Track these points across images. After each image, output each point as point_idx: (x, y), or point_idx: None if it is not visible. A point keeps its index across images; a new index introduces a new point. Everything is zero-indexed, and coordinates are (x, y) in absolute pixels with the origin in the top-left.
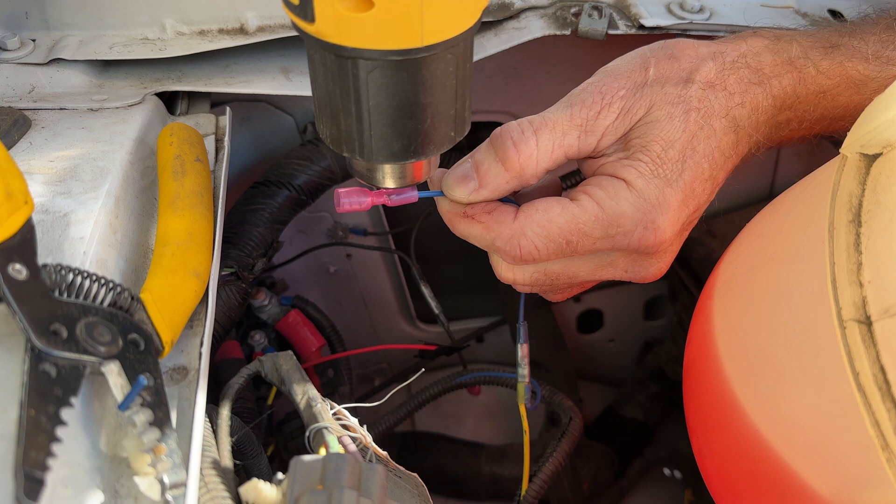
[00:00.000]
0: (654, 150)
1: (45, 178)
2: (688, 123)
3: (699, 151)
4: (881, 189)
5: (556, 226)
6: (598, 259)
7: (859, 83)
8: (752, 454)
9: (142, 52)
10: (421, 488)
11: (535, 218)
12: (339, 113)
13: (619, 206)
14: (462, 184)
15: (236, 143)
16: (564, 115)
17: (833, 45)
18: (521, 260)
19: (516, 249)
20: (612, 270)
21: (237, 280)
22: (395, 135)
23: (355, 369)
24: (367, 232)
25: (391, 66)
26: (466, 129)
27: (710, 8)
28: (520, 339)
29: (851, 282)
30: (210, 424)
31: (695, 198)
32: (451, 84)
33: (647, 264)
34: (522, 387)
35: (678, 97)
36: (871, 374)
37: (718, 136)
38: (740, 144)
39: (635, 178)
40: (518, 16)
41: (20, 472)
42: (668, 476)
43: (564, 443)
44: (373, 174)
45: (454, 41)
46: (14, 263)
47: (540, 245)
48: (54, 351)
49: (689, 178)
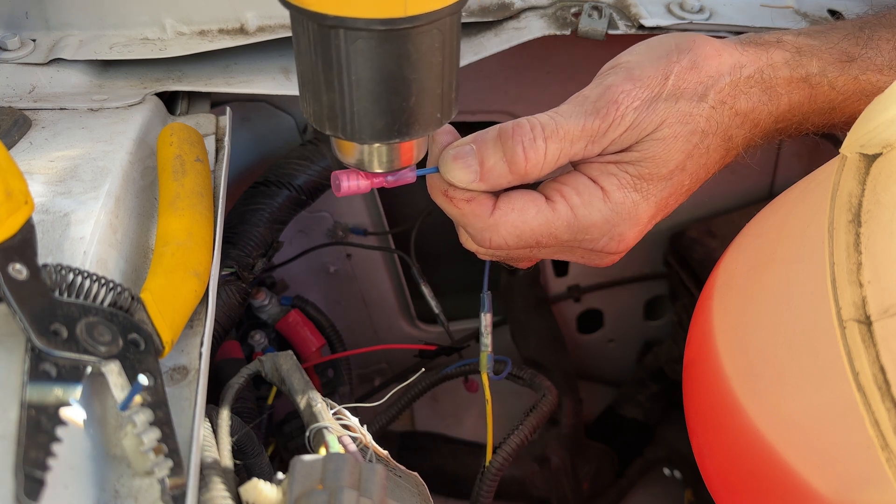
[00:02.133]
0: (645, 168)
1: (45, 178)
2: (689, 144)
3: (687, 170)
4: (881, 189)
5: (528, 228)
6: (559, 250)
7: (871, 94)
8: (752, 454)
9: (142, 52)
10: (421, 487)
11: (510, 218)
12: (321, 88)
13: (590, 216)
14: (463, 169)
15: (236, 143)
16: (577, 125)
17: (851, 58)
18: (490, 248)
19: (486, 241)
20: (570, 257)
21: (237, 280)
22: (378, 111)
23: (355, 369)
24: (368, 232)
25: (374, 38)
26: (453, 112)
27: (710, 8)
28: (483, 309)
29: (851, 282)
30: (210, 424)
31: (665, 210)
32: (437, 61)
33: (603, 258)
34: (485, 356)
35: (689, 116)
36: (871, 374)
37: (710, 154)
38: (727, 157)
39: (613, 190)
40: (518, 16)
41: (20, 472)
42: (668, 476)
43: (532, 417)
44: (359, 156)
45: (439, 14)
46: (14, 263)
47: (510, 242)
48: (54, 351)
49: (667, 194)
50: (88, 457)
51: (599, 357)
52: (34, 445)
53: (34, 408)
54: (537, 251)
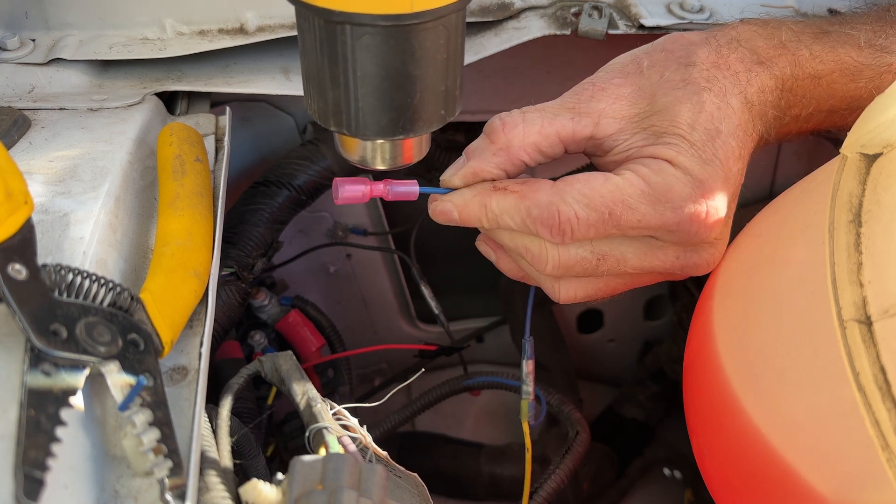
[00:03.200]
0: (680, 131)
1: (44, 178)
2: (703, 104)
3: (724, 131)
4: (881, 189)
5: (598, 194)
6: (647, 242)
7: (854, 71)
8: (752, 454)
9: (142, 52)
10: (421, 488)
11: (576, 186)
12: (326, 83)
13: (666, 181)
14: (451, 168)
15: (236, 143)
16: (554, 102)
17: (824, 31)
18: (560, 230)
19: (554, 216)
20: (663, 255)
21: (237, 280)
22: (382, 107)
23: (355, 369)
24: (367, 232)
25: (380, 33)
26: (457, 109)
27: (711, 8)
28: (525, 356)
29: (852, 282)
30: (210, 424)
31: (733, 178)
32: (442, 58)
33: (699, 250)
34: (526, 404)
35: (682, 81)
36: (872, 374)
37: (738, 114)
38: (756, 124)
39: (676, 156)
40: (518, 16)
41: (20, 472)
42: (668, 476)
43: (569, 459)
44: (362, 152)
45: (445, 10)
46: (14, 263)
47: (581, 213)
48: (54, 351)
49: (724, 157)
50: (88, 457)
51: (599, 357)
52: (34, 445)
53: (34, 408)
54: (619, 245)
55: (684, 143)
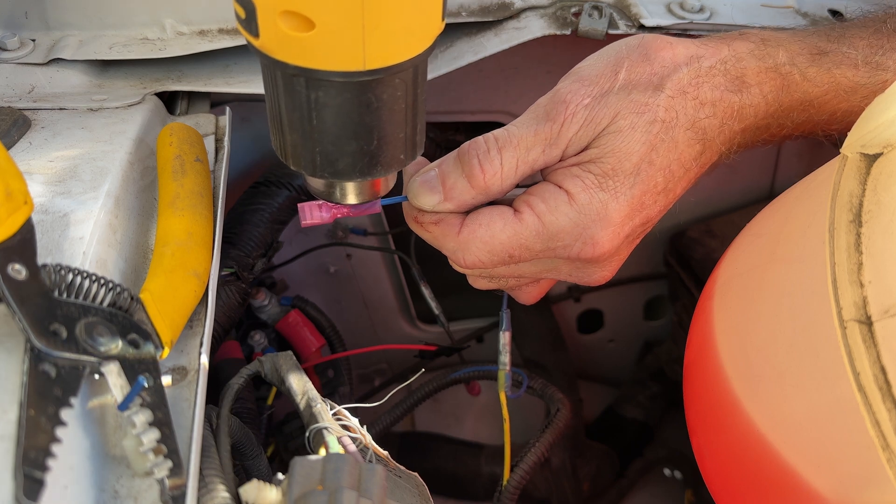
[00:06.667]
0: (607, 163)
1: (44, 178)
2: (649, 135)
3: (656, 164)
4: (882, 189)
5: (498, 241)
6: (541, 264)
7: (848, 90)
8: (752, 454)
9: (142, 52)
10: (421, 488)
11: (479, 234)
12: (285, 126)
13: (557, 221)
14: (428, 192)
15: (236, 143)
16: (529, 132)
17: (821, 51)
18: (466, 269)
19: (461, 261)
20: (557, 273)
21: (237, 280)
22: (339, 153)
23: (355, 369)
24: (367, 232)
25: (334, 87)
26: (418, 153)
27: (711, 8)
28: (502, 327)
29: (852, 282)
30: (210, 425)
31: (643, 210)
32: (401, 108)
33: (589, 271)
34: (503, 374)
35: (644, 106)
36: (872, 375)
37: (680, 147)
38: (706, 154)
39: (578, 192)
40: (518, 16)
41: (20, 472)
42: (668, 476)
43: (548, 433)
44: (325, 188)
45: (399, 67)
46: (14, 263)
47: (484, 258)
48: (54, 351)
49: (640, 192)
50: (88, 457)
51: (599, 357)
52: (34, 446)
53: (34, 408)
54: (517, 268)
55: (599, 176)
